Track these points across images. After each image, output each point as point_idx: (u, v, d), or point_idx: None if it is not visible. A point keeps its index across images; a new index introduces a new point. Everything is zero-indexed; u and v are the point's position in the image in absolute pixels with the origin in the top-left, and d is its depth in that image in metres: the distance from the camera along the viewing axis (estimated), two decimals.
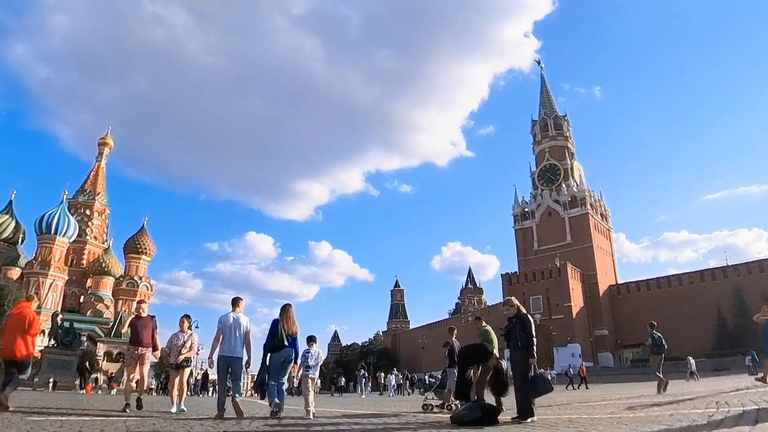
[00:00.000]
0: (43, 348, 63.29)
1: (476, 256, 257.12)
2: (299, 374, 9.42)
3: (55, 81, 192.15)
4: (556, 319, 75.09)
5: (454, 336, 11.97)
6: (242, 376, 9.64)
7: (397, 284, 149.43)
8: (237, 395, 9.08)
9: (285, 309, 9.17)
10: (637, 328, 73.87)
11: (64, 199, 79.15)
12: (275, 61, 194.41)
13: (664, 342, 14.47)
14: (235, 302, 9.38)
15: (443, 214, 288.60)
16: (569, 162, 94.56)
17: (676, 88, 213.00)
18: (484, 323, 11.17)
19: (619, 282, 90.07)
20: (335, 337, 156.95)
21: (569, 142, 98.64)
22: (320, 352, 9.62)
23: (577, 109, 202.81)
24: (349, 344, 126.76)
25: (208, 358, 9.07)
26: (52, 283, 70.96)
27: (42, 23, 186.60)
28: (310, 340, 9.54)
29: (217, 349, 8.96)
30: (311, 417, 8.61)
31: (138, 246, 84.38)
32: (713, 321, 72.02)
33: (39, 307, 67.55)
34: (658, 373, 14.14)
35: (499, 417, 7.36)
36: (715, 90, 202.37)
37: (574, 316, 76.49)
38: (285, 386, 9.20)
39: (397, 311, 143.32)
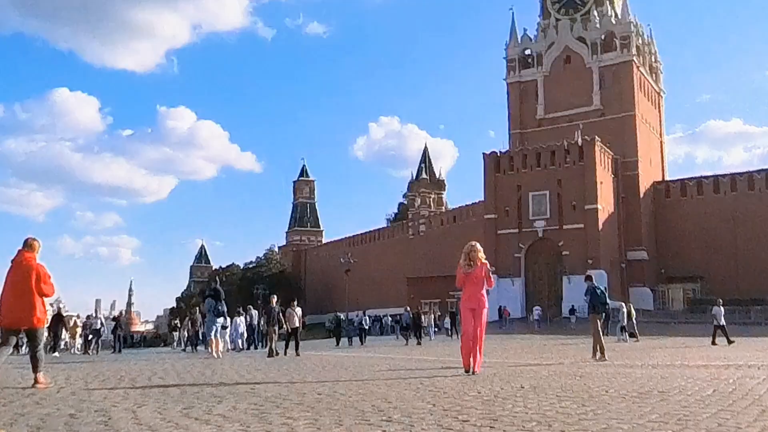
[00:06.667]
0: None
1: (421, 139, 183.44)
2: None
3: None
4: (571, 230, 54.67)
5: None
6: None
7: (303, 173, 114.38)
8: None
9: None
10: (691, 251, 60.01)
11: None
12: None
13: (606, 299, 13.47)
14: None
15: (374, 73, 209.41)
16: None
17: None
18: None
19: (668, 178, 68.65)
20: (202, 256, 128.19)
21: None
22: None
23: None
24: (224, 267, 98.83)
25: None
26: None
27: None
28: None
29: None
30: None
31: None
32: None
33: None
34: (599, 336, 12.38)
35: None
36: None
37: (600, 226, 55.14)
38: None
39: (304, 216, 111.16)
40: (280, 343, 17.29)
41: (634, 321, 25.63)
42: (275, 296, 18.22)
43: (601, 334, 12.41)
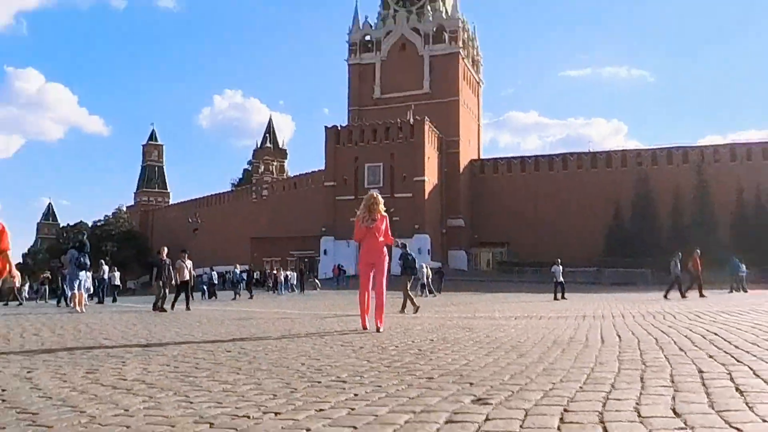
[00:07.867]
0: None
1: (261, 113, 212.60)
2: None
3: None
4: (402, 198, 61.00)
5: None
6: None
7: (153, 137, 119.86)
8: None
9: None
10: (499, 220, 68.32)
11: None
12: None
13: (415, 263, 17.25)
14: None
15: (222, 48, 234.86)
16: None
17: None
18: None
19: (483, 157, 78.65)
20: (49, 214, 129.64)
21: None
22: None
23: None
24: (72, 224, 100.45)
25: None
26: None
27: None
28: None
29: None
30: None
31: None
32: (606, 220, 65.01)
33: None
34: (408, 293, 14.80)
35: None
36: None
37: (426, 196, 63.57)
38: None
39: (152, 177, 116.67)
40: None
41: (429, 280, 29.69)
42: (165, 248, 17.47)
43: (410, 291, 15.16)
